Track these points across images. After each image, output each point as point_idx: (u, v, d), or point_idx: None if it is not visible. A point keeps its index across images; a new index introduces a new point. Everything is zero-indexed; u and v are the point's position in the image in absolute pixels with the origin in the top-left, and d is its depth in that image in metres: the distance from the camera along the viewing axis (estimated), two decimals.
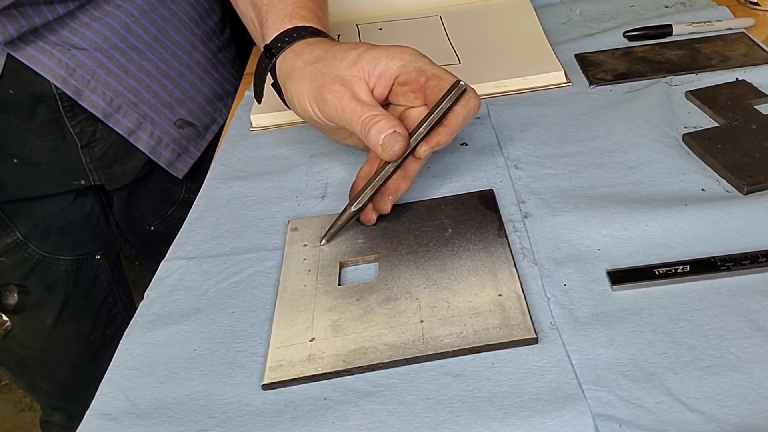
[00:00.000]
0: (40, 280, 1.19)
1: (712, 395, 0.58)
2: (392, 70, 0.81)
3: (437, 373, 0.64)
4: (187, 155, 1.21)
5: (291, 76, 0.83)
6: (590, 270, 0.72)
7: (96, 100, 1.08)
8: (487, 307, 0.68)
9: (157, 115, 1.15)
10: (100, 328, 1.27)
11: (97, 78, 1.07)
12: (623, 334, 0.65)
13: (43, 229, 1.17)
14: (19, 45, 1.01)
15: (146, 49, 1.13)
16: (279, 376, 0.65)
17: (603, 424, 0.57)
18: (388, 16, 1.28)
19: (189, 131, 1.20)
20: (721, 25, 1.13)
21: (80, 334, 1.26)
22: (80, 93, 1.06)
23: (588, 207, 0.79)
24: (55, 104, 1.07)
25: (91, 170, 1.15)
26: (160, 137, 1.16)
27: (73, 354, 1.26)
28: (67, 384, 1.29)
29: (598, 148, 0.90)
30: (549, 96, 1.03)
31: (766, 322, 0.64)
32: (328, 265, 0.77)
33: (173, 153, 1.19)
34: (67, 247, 1.20)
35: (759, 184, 0.79)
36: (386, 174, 0.79)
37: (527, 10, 1.24)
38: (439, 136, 0.78)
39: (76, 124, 1.10)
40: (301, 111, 0.85)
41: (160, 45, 1.15)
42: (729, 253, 0.71)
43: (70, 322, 1.24)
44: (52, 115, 1.08)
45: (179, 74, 1.18)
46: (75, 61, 1.05)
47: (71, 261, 1.21)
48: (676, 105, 0.96)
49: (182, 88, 1.18)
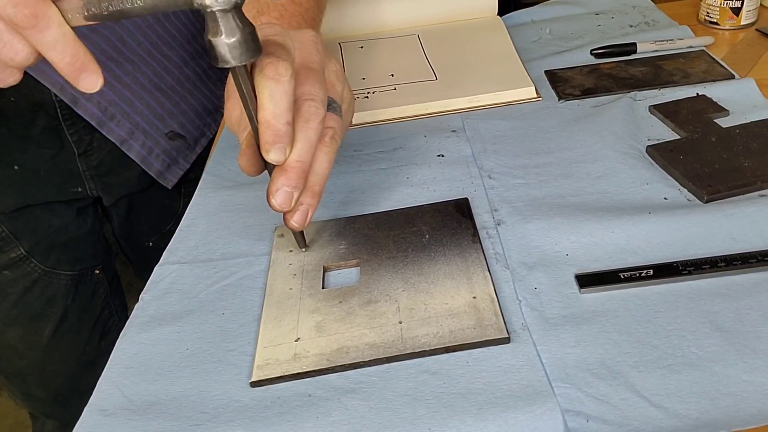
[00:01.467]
0: (41, 293, 1.18)
1: (674, 392, 0.58)
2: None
3: (415, 371, 0.64)
4: (177, 166, 1.20)
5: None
6: (559, 274, 0.72)
7: (91, 108, 1.07)
8: (462, 308, 0.68)
9: (149, 125, 1.15)
10: (95, 340, 1.27)
11: None
12: (590, 334, 0.65)
13: (46, 245, 1.16)
14: None
15: (140, 62, 1.12)
16: (266, 374, 0.65)
17: (571, 420, 0.57)
18: (368, 35, 1.28)
19: (179, 143, 1.20)
20: (682, 44, 1.14)
21: (77, 346, 1.25)
22: (76, 101, 1.05)
23: (557, 215, 0.80)
24: (54, 112, 1.07)
25: (87, 178, 1.15)
26: (152, 147, 1.16)
27: (69, 364, 1.26)
28: (62, 393, 1.28)
29: (567, 159, 0.90)
30: (520, 110, 1.03)
31: (725, 323, 0.64)
32: (313, 269, 0.77)
33: (163, 164, 1.18)
34: (68, 262, 1.19)
35: (718, 193, 0.79)
36: None
37: (500, 29, 1.25)
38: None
39: (74, 133, 1.10)
40: None
41: (154, 59, 1.14)
42: (690, 258, 0.71)
43: (67, 334, 1.23)
44: (51, 123, 1.08)
45: (171, 88, 1.17)
46: None
47: (71, 276, 1.20)
48: (640, 119, 0.96)
49: (173, 101, 1.18)
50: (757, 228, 0.74)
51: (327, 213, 0.86)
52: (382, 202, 0.82)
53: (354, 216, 0.83)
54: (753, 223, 0.74)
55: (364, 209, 0.82)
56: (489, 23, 1.28)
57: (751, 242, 0.73)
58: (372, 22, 1.29)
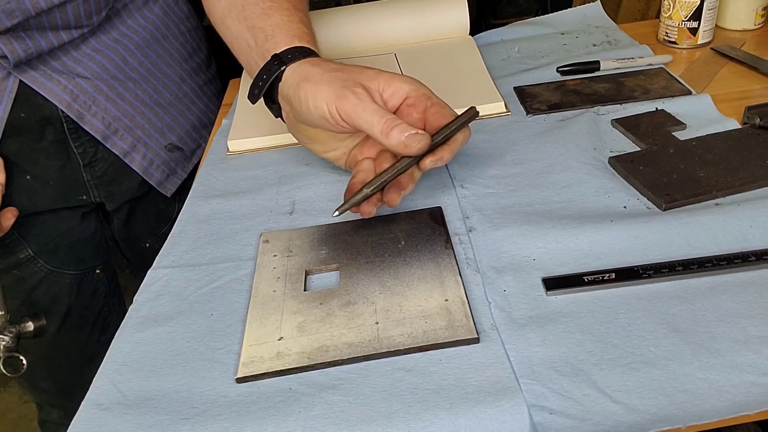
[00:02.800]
0: (47, 291, 1.19)
1: (633, 388, 0.59)
2: (404, 90, 0.81)
3: (391, 368, 0.64)
4: (175, 176, 1.22)
5: (307, 79, 0.81)
6: (527, 277, 0.72)
7: (96, 123, 1.09)
8: (435, 310, 0.69)
9: (150, 139, 1.16)
10: (96, 335, 1.28)
11: (98, 104, 1.09)
12: (555, 334, 0.65)
13: (52, 246, 1.17)
14: (29, 71, 1.02)
15: (141, 80, 1.14)
16: (251, 370, 0.65)
17: (536, 414, 0.57)
18: (349, 53, 1.28)
19: (177, 155, 1.21)
20: (642, 61, 1.14)
21: (79, 341, 1.26)
22: (82, 117, 1.07)
23: (525, 222, 0.80)
24: (61, 127, 1.08)
25: (92, 187, 1.16)
26: (152, 159, 1.17)
27: (72, 358, 1.26)
28: (66, 385, 1.29)
29: (535, 170, 0.90)
30: (491, 124, 1.03)
31: (682, 323, 0.64)
32: (295, 273, 0.77)
33: (163, 174, 1.20)
34: (71, 262, 1.21)
35: (676, 201, 0.79)
36: (400, 168, 0.80)
37: (472, 48, 1.25)
38: (444, 152, 0.80)
39: (80, 145, 1.11)
40: (313, 110, 0.81)
41: (154, 77, 1.16)
42: (649, 263, 0.71)
43: (71, 330, 1.24)
44: (58, 137, 1.09)
45: (170, 103, 1.19)
46: (78, 88, 1.06)
47: (74, 275, 1.22)
48: (603, 132, 0.97)
49: (172, 116, 1.19)
50: (712, 235, 0.74)
51: (309, 220, 0.86)
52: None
53: (335, 223, 0.83)
54: (708, 231, 0.75)
55: (344, 216, 0.82)
56: (461, 42, 1.28)
57: (706, 248, 0.73)
58: (353, 42, 1.29)
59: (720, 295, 0.67)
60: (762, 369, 0.59)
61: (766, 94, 1.03)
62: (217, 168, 1.01)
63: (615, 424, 0.56)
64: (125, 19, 1.11)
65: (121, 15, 1.10)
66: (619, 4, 2.33)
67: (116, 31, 1.10)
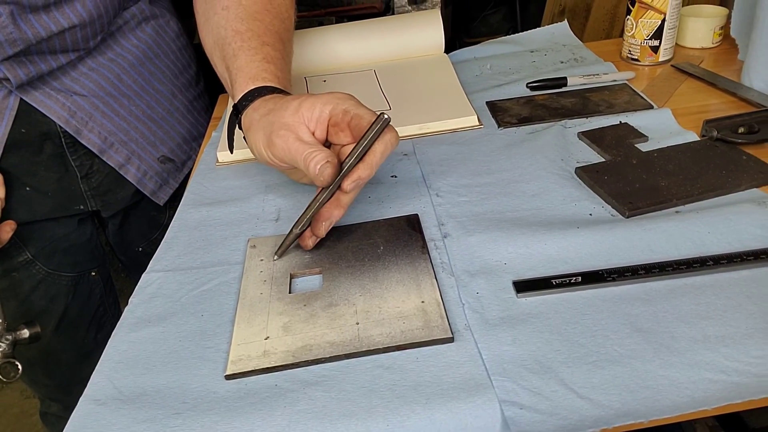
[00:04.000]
0: (45, 292, 1.19)
1: (599, 385, 0.59)
2: (325, 113, 0.80)
3: (371, 366, 0.64)
4: (168, 186, 1.23)
5: (250, 128, 0.84)
6: (498, 281, 0.73)
7: (93, 138, 1.10)
8: (412, 311, 0.69)
9: (144, 151, 1.17)
10: (92, 333, 1.28)
11: (94, 120, 1.09)
12: (525, 334, 0.65)
13: (50, 250, 1.17)
14: (30, 90, 1.02)
15: (135, 96, 1.14)
16: (239, 368, 0.65)
17: (507, 409, 0.58)
18: (331, 70, 1.28)
19: (169, 166, 1.22)
20: (607, 78, 1.15)
21: (76, 339, 1.26)
22: (80, 132, 1.08)
23: (497, 228, 0.80)
24: (59, 141, 1.09)
25: (88, 197, 1.16)
26: (146, 170, 1.18)
27: (70, 355, 1.27)
28: (64, 380, 1.30)
29: (505, 179, 0.90)
30: (464, 136, 1.03)
31: (644, 324, 0.65)
32: (281, 276, 0.77)
33: (156, 184, 1.20)
34: (68, 265, 1.21)
35: (638, 209, 0.80)
36: (321, 200, 0.79)
37: (446, 65, 1.25)
38: (359, 170, 0.78)
39: (77, 158, 1.12)
40: (259, 156, 0.84)
41: (147, 93, 1.16)
42: (613, 267, 0.72)
43: (68, 329, 1.25)
44: (56, 151, 1.10)
45: (162, 118, 1.19)
46: (76, 105, 1.06)
47: (71, 277, 1.22)
48: (569, 144, 0.97)
49: (164, 130, 1.20)
50: (673, 241, 0.75)
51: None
52: (343, 217, 0.82)
53: None
54: (669, 237, 0.76)
55: None
56: (437, 60, 1.28)
57: (667, 253, 0.74)
58: (334, 60, 1.29)
59: (680, 298, 0.68)
60: (719, 367, 0.60)
61: (723, 109, 1.04)
62: (207, 178, 1.02)
63: (581, 418, 0.57)
64: (119, 40, 1.11)
65: (116, 36, 1.11)
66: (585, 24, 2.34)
67: (111, 51, 1.10)
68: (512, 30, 2.82)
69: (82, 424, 0.62)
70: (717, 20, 1.24)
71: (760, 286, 0.68)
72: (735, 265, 0.70)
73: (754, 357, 0.60)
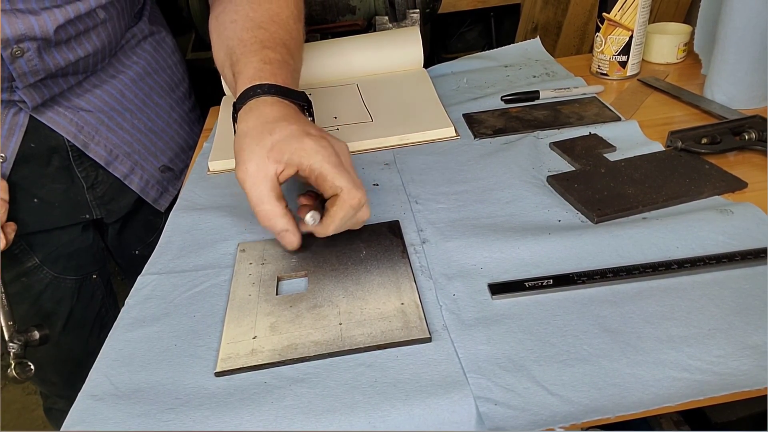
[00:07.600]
0: (52, 295, 1.20)
1: (569, 382, 0.59)
2: (294, 163, 0.76)
3: (353, 364, 0.64)
4: (168, 194, 1.24)
5: (236, 135, 0.82)
6: (474, 283, 0.73)
7: (99, 151, 1.11)
8: (392, 312, 0.69)
9: (146, 162, 1.18)
10: (96, 333, 1.29)
11: (100, 133, 1.10)
12: (499, 334, 0.66)
13: (56, 255, 1.18)
14: (41, 110, 1.04)
15: (137, 110, 1.16)
16: (228, 366, 0.65)
17: (482, 405, 0.58)
18: (316, 84, 1.28)
19: (169, 175, 1.23)
20: (577, 91, 1.16)
21: (81, 338, 1.28)
22: (87, 146, 1.09)
23: (473, 234, 0.80)
24: (66, 154, 1.09)
25: (93, 206, 1.17)
26: (148, 180, 1.19)
27: (76, 353, 1.28)
28: (71, 377, 1.31)
29: (481, 187, 0.91)
30: (442, 147, 1.04)
31: (612, 324, 0.65)
32: (269, 279, 0.77)
33: (157, 192, 1.22)
34: (72, 269, 1.22)
35: (606, 215, 0.80)
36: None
37: (425, 79, 1.26)
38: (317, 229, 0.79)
39: (83, 170, 1.13)
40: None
41: (147, 107, 1.18)
42: (583, 270, 0.72)
43: (74, 329, 1.26)
44: (63, 163, 1.10)
45: (161, 129, 1.21)
46: (83, 120, 1.08)
47: (75, 280, 1.23)
48: (541, 153, 0.98)
49: (164, 141, 1.21)
50: (639, 246, 0.75)
51: None
52: None
53: (304, 234, 0.83)
54: (636, 242, 0.76)
55: None
56: (416, 74, 1.29)
57: (634, 257, 0.74)
58: (320, 74, 1.29)
59: (646, 299, 0.68)
60: (683, 365, 0.60)
61: (687, 120, 1.05)
62: (199, 186, 1.01)
63: (552, 414, 0.57)
64: (120, 58, 1.13)
65: (118, 54, 1.12)
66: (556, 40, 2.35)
67: (113, 68, 1.11)
68: (488, 46, 2.83)
69: (81, 418, 0.62)
70: (681, 37, 1.25)
71: (721, 289, 0.69)
72: (698, 269, 0.71)
73: (715, 356, 0.61)
